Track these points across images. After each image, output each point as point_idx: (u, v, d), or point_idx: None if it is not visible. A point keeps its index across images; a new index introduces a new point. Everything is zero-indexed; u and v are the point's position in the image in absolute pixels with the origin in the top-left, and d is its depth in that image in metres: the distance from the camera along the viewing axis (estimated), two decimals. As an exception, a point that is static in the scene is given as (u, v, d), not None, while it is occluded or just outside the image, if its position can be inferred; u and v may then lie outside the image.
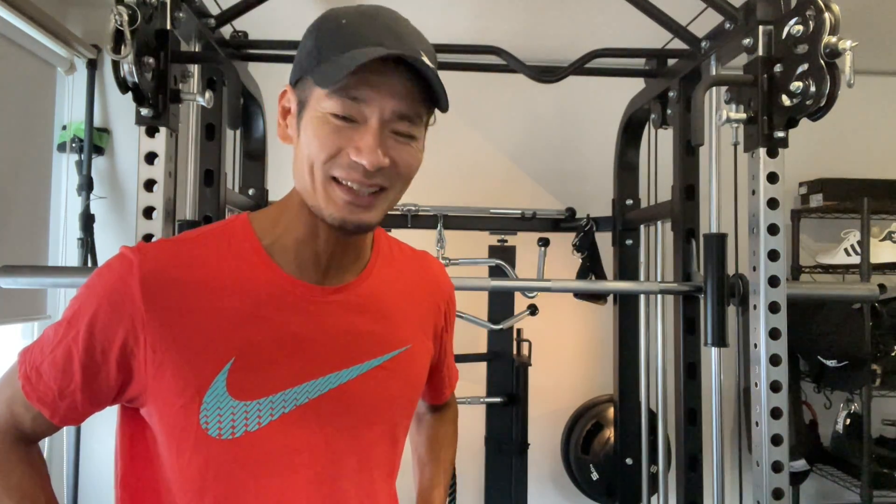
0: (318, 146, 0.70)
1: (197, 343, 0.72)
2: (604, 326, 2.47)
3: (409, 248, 0.95)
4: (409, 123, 0.72)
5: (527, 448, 2.09)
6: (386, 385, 0.82)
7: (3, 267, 1.39)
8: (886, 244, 2.44)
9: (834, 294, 1.76)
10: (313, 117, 0.71)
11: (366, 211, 0.72)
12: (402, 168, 0.73)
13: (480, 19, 2.27)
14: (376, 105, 0.69)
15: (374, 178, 0.71)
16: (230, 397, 0.72)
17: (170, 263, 0.73)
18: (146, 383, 0.72)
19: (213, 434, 0.72)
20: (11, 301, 2.01)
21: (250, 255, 0.76)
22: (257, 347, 0.74)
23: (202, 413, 0.71)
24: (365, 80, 0.68)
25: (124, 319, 0.71)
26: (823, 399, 2.56)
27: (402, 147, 0.72)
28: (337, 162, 0.70)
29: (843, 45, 1.15)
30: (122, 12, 1.12)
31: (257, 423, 0.73)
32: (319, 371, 0.77)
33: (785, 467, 1.34)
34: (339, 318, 0.79)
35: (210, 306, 0.73)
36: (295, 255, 0.78)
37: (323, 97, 0.70)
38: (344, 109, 0.69)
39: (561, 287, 1.65)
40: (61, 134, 2.29)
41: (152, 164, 1.29)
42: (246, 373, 0.73)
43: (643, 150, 2.12)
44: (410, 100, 0.71)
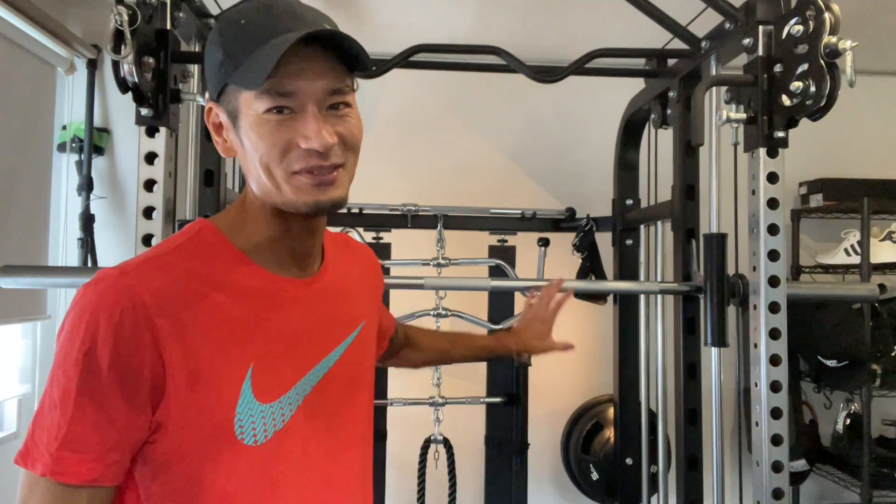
0: (266, 147, 0.71)
1: (218, 355, 0.71)
2: (604, 326, 2.47)
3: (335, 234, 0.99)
4: (340, 95, 0.73)
5: (527, 448, 2.09)
6: (359, 357, 0.88)
7: (3, 267, 1.39)
8: (886, 244, 2.44)
9: (834, 294, 1.77)
10: (251, 122, 0.72)
11: (334, 188, 0.74)
12: (349, 140, 0.75)
13: (480, 19, 2.27)
14: (307, 91, 0.71)
15: (330, 157, 0.72)
16: (258, 402, 0.73)
17: (167, 277, 0.72)
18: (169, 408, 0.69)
19: (248, 443, 0.72)
20: (11, 301, 2.01)
21: (233, 260, 0.76)
22: (268, 349, 0.75)
23: (237, 424, 0.71)
24: (288, 72, 0.69)
25: (146, 343, 0.67)
26: (823, 399, 2.56)
27: (343, 119, 0.74)
28: (292, 156, 0.71)
29: (843, 45, 1.15)
30: (122, 12, 1.12)
31: (282, 422, 0.75)
32: (315, 359, 0.81)
33: (785, 467, 1.34)
34: (320, 306, 0.83)
35: (218, 316, 0.72)
36: (272, 253, 0.79)
37: (252, 100, 0.71)
38: (277, 103, 0.70)
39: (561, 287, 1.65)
40: (61, 134, 2.29)
41: (152, 164, 1.29)
42: (266, 375, 0.74)
43: (643, 150, 2.12)
44: (335, 73, 0.72)
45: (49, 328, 2.26)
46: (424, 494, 2.05)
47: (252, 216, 0.79)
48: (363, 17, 2.24)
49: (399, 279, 1.70)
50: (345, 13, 2.21)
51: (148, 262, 0.73)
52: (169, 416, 0.69)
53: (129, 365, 0.67)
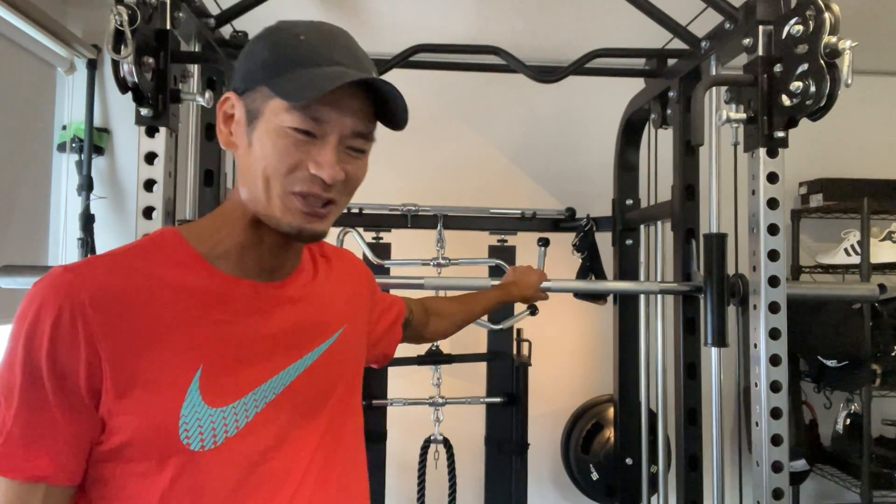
0: (277, 159, 0.72)
1: (162, 356, 0.70)
2: (604, 326, 2.47)
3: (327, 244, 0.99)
4: (363, 140, 0.76)
5: (527, 448, 2.09)
6: (335, 364, 0.86)
7: (3, 267, 1.39)
8: (886, 244, 2.44)
9: (834, 294, 1.76)
10: (270, 129, 0.72)
11: (320, 222, 0.76)
12: (351, 181, 0.77)
13: (480, 19, 2.27)
14: (336, 124, 0.73)
15: (331, 191, 0.74)
16: (206, 405, 0.71)
17: (113, 277, 0.70)
18: (110, 407, 0.67)
19: (195, 448, 0.70)
20: (11, 301, 2.01)
21: (190, 262, 0.76)
22: (221, 351, 0.73)
23: (181, 427, 0.69)
24: (327, 101, 0.71)
25: (81, 341, 0.66)
26: (823, 399, 2.56)
27: (354, 161, 0.76)
28: (297, 176, 0.73)
29: (843, 45, 1.15)
30: (122, 12, 1.12)
31: (235, 428, 0.73)
32: (280, 365, 0.79)
33: (785, 467, 1.34)
34: (287, 312, 0.81)
35: (165, 316, 0.71)
36: (237, 259, 0.79)
37: (282, 110, 0.72)
38: (306, 125, 0.72)
39: (561, 287, 1.65)
40: (61, 134, 2.29)
41: (152, 164, 1.29)
42: (217, 378, 0.72)
43: (643, 150, 2.12)
44: (365, 118, 0.75)
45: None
46: (424, 494, 2.05)
47: (228, 222, 0.79)
48: (363, 17, 2.24)
49: (399, 279, 1.70)
50: (345, 13, 2.21)
51: (96, 259, 0.73)
52: (110, 416, 0.68)
53: (66, 362, 0.66)
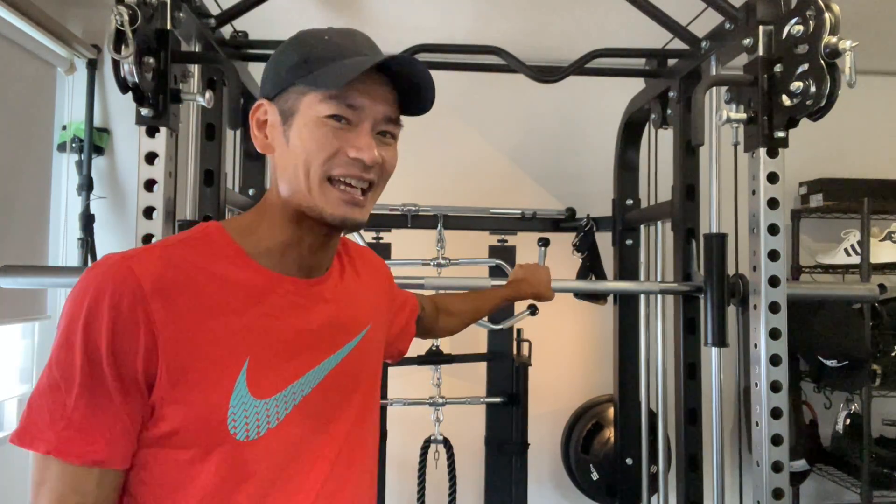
0: (316, 147, 0.76)
1: (212, 348, 0.72)
2: (604, 326, 2.47)
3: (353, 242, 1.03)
4: (393, 125, 0.81)
5: (527, 448, 2.09)
6: (362, 360, 0.89)
7: (3, 267, 1.39)
8: (886, 244, 2.44)
9: (834, 294, 1.76)
10: (308, 122, 0.76)
11: (360, 209, 0.79)
12: (387, 165, 0.81)
13: (480, 19, 2.27)
14: (369, 110, 0.77)
15: (370, 172, 0.78)
16: (252, 397, 0.73)
17: (168, 267, 0.72)
18: (162, 394, 0.69)
19: (240, 437, 0.72)
20: (11, 301, 2.01)
21: (235, 258, 0.78)
22: (265, 344, 0.76)
23: (230, 418, 0.71)
24: (358, 89, 0.76)
25: (141, 326, 0.68)
26: (823, 399, 2.56)
27: (387, 147, 0.81)
28: (335, 161, 0.76)
29: (844, 45, 1.15)
30: (123, 12, 1.12)
31: (276, 419, 0.76)
32: (316, 360, 0.81)
33: (785, 467, 1.34)
34: (323, 309, 0.84)
35: (215, 307, 0.73)
36: (280, 257, 0.81)
37: (317, 102, 0.76)
38: (342, 112, 0.76)
39: (561, 287, 1.65)
40: (61, 134, 2.29)
41: (152, 164, 1.29)
42: (262, 371, 0.74)
43: (643, 150, 2.12)
44: (394, 105, 0.80)
45: (49, 328, 2.26)
46: (424, 494, 2.05)
47: (268, 220, 0.81)
48: (364, 17, 2.24)
49: (399, 279, 1.69)
50: (345, 13, 2.21)
51: (151, 249, 0.74)
52: (162, 403, 0.69)
53: (125, 347, 0.67)
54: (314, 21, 2.24)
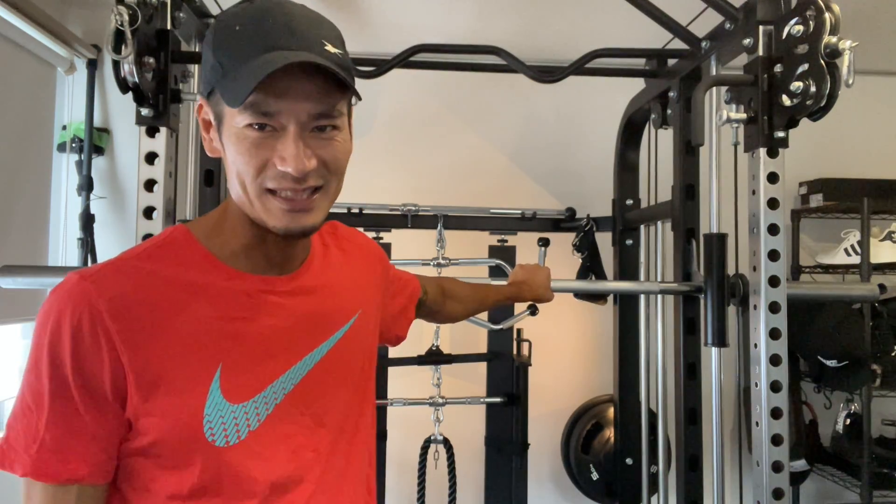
0: (243, 162, 0.70)
1: (182, 358, 0.71)
2: (604, 326, 2.47)
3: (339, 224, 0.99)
4: (327, 118, 0.71)
5: (527, 448, 2.09)
6: (351, 352, 0.87)
7: (3, 267, 1.39)
8: (886, 244, 2.44)
9: (834, 294, 1.76)
10: (231, 133, 0.71)
11: (307, 214, 0.73)
12: (331, 164, 0.73)
13: (480, 19, 2.27)
14: (290, 112, 0.69)
15: (306, 181, 0.71)
16: (227, 403, 0.72)
17: (128, 283, 0.71)
18: (136, 409, 0.69)
19: (220, 444, 0.71)
20: (11, 301, 2.01)
21: (202, 261, 0.76)
22: (239, 348, 0.74)
23: (206, 425, 0.71)
24: (272, 91, 0.67)
25: (103, 346, 0.68)
26: (823, 399, 2.56)
27: (328, 143, 0.72)
28: (267, 174, 0.70)
29: (843, 45, 1.15)
30: (123, 12, 1.12)
31: (257, 421, 0.74)
32: (296, 357, 0.79)
33: (785, 467, 1.34)
34: (300, 303, 0.81)
35: (182, 318, 0.72)
36: (246, 257, 0.78)
37: (235, 113, 0.69)
38: (258, 121, 0.69)
39: (561, 287, 1.65)
40: (61, 134, 2.29)
41: (152, 164, 1.29)
42: (236, 375, 0.73)
43: (643, 150, 2.12)
44: (324, 97, 0.70)
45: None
46: (424, 494, 2.05)
47: (230, 221, 0.78)
48: (363, 17, 2.24)
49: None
50: (345, 13, 2.21)
51: (110, 265, 0.73)
52: (136, 417, 0.70)
53: (90, 368, 0.68)
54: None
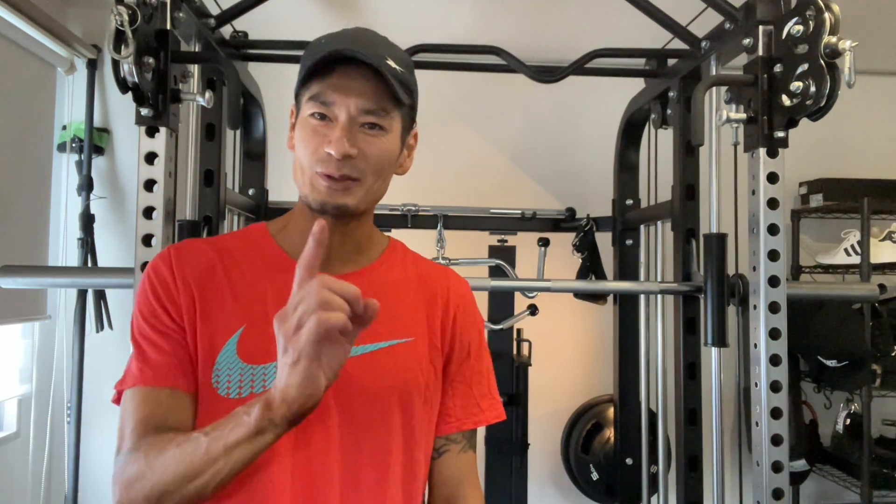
0: (303, 146, 0.84)
1: (217, 314, 0.84)
2: (604, 326, 2.47)
3: (429, 261, 1.03)
4: (375, 116, 0.83)
5: (527, 448, 2.08)
6: (381, 370, 0.87)
7: (3, 267, 1.39)
8: (886, 244, 2.44)
9: (834, 294, 1.76)
10: (300, 123, 0.85)
11: (343, 194, 0.83)
12: (371, 158, 0.83)
13: (480, 19, 2.27)
14: (343, 104, 0.81)
15: (343, 168, 0.81)
16: (239, 360, 0.82)
17: (197, 252, 0.88)
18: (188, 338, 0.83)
19: (221, 393, 0.81)
20: (11, 301, 2.01)
21: (264, 247, 0.90)
22: (264, 318, 0.82)
23: (214, 373, 0.82)
24: (332, 85, 0.81)
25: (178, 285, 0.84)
26: (823, 399, 2.56)
27: (372, 139, 0.83)
28: (318, 157, 0.82)
29: (843, 45, 1.15)
30: (123, 12, 1.12)
31: (262, 386, 0.81)
32: None
33: (785, 467, 1.34)
34: None
35: (229, 285, 0.85)
36: (300, 245, 0.81)
37: (304, 104, 0.84)
38: (318, 109, 0.82)
39: (561, 287, 1.65)
40: (61, 134, 2.29)
41: (152, 164, 1.29)
42: (254, 339, 0.83)
43: (643, 150, 2.12)
44: (374, 97, 0.82)
45: (49, 328, 2.26)
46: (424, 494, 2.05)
47: (296, 214, 0.92)
48: (363, 17, 2.24)
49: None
50: (345, 13, 2.21)
51: (194, 240, 0.97)
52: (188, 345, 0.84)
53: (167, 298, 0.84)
54: (314, 21, 2.24)
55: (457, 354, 0.96)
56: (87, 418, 2.16)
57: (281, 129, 1.31)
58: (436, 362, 0.92)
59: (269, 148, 2.04)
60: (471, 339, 0.98)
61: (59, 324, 2.28)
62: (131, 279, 1.29)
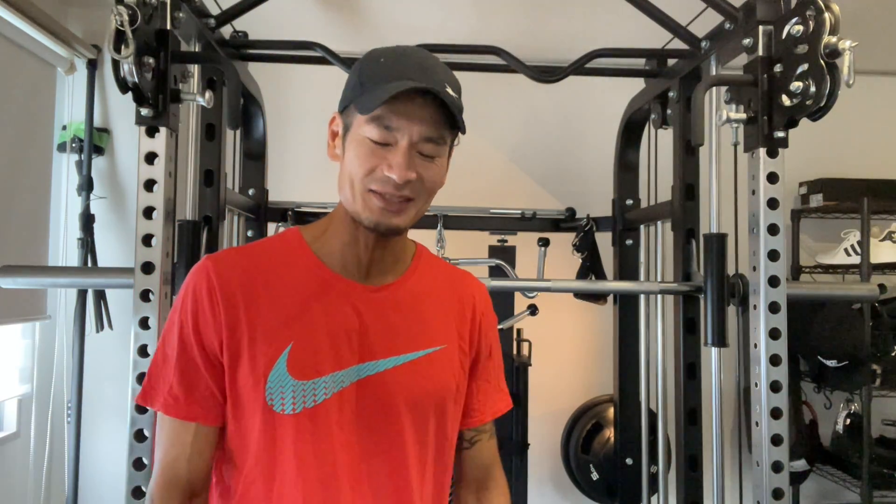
0: (358, 164, 0.84)
1: (261, 332, 0.86)
2: (604, 326, 2.47)
3: (450, 265, 1.07)
4: (433, 145, 0.85)
5: (527, 448, 2.08)
6: (420, 378, 0.91)
7: (3, 267, 1.39)
8: (886, 244, 2.44)
9: (834, 294, 1.76)
10: (354, 139, 0.85)
11: (396, 215, 0.86)
12: (426, 182, 0.86)
13: (480, 19, 2.27)
14: (406, 130, 0.83)
15: (403, 190, 0.84)
16: (290, 377, 0.85)
17: (237, 267, 0.89)
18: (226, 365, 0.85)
19: (277, 409, 0.84)
20: (11, 301, 2.01)
21: (302, 257, 0.91)
22: (311, 334, 0.86)
23: (267, 391, 0.84)
24: (396, 111, 0.82)
25: (217, 310, 0.85)
26: (823, 399, 2.56)
27: (428, 165, 0.86)
28: (373, 177, 0.84)
29: (843, 45, 1.15)
30: (123, 12, 1.12)
31: (313, 401, 0.85)
32: (362, 357, 0.88)
33: (785, 467, 1.34)
34: (380, 313, 0.91)
35: (271, 301, 0.87)
36: (340, 256, 0.91)
37: (363, 123, 0.84)
38: (379, 135, 0.83)
39: (561, 287, 1.65)
40: (61, 134, 2.29)
41: (152, 164, 1.29)
42: (303, 355, 0.86)
43: (643, 150, 2.12)
44: (435, 125, 0.84)
45: (49, 328, 2.26)
46: (424, 494, 2.05)
47: (334, 222, 0.92)
48: (363, 17, 2.24)
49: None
50: (345, 13, 2.21)
51: (232, 250, 0.96)
52: (227, 374, 0.86)
53: (204, 328, 0.86)
54: (314, 22, 2.24)
55: (482, 356, 1.03)
56: (87, 418, 2.16)
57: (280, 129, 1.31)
58: (465, 365, 0.99)
59: (269, 148, 2.04)
60: (491, 341, 1.05)
61: (59, 324, 2.28)
62: (131, 279, 1.29)
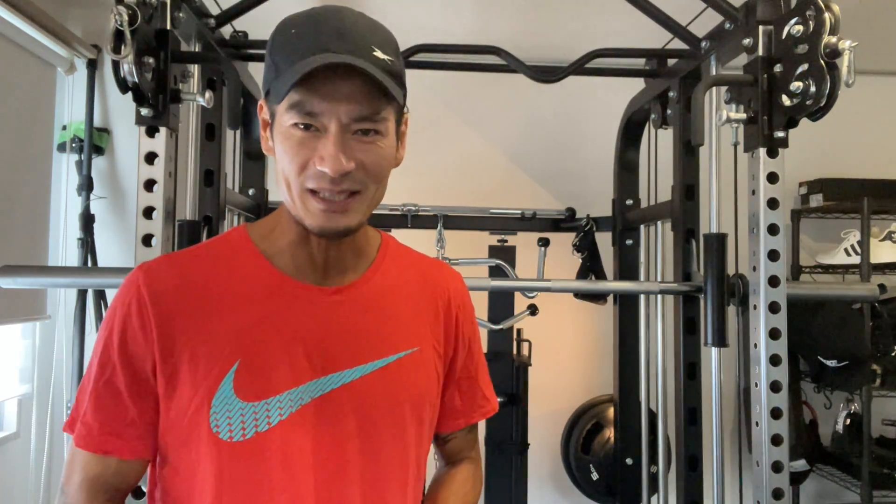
0: (288, 160, 0.72)
1: (203, 349, 0.74)
2: (604, 326, 2.47)
3: (421, 255, 0.94)
4: (370, 122, 0.72)
5: (527, 448, 2.08)
6: (393, 386, 0.81)
7: (3, 267, 1.39)
8: (886, 244, 2.44)
9: (834, 294, 1.76)
10: (279, 131, 0.73)
11: (342, 216, 0.74)
12: (370, 168, 0.73)
13: (480, 19, 2.27)
14: (331, 113, 0.70)
15: (343, 183, 0.71)
16: (238, 399, 0.73)
17: (173, 276, 0.77)
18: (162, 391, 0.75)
19: (224, 437, 0.73)
20: (11, 301, 2.01)
21: (249, 260, 0.79)
22: (261, 348, 0.75)
23: (212, 416, 0.73)
24: (316, 91, 0.69)
25: (147, 329, 0.74)
26: (823, 399, 2.56)
27: (368, 147, 0.72)
28: (308, 174, 0.72)
29: (843, 45, 1.15)
30: (122, 12, 1.12)
31: (267, 424, 0.74)
32: (323, 370, 0.77)
33: (785, 467, 1.34)
34: (342, 318, 0.79)
35: (213, 313, 0.75)
36: (291, 258, 0.80)
37: (283, 111, 0.71)
38: (302, 121, 0.70)
39: (561, 287, 1.65)
40: (61, 134, 2.29)
41: (152, 164, 1.29)
42: (251, 374, 0.74)
43: (643, 150, 2.12)
44: (367, 100, 0.71)
45: (49, 328, 2.26)
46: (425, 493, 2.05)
47: (282, 220, 0.81)
48: (363, 17, 2.24)
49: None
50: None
51: (166, 257, 0.83)
52: (162, 402, 0.75)
53: (133, 348, 0.74)
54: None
55: (461, 353, 0.93)
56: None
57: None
58: (439, 367, 0.88)
59: (269, 148, 2.04)
60: (471, 335, 0.95)
61: (59, 324, 2.27)
62: (131, 279, 1.29)
